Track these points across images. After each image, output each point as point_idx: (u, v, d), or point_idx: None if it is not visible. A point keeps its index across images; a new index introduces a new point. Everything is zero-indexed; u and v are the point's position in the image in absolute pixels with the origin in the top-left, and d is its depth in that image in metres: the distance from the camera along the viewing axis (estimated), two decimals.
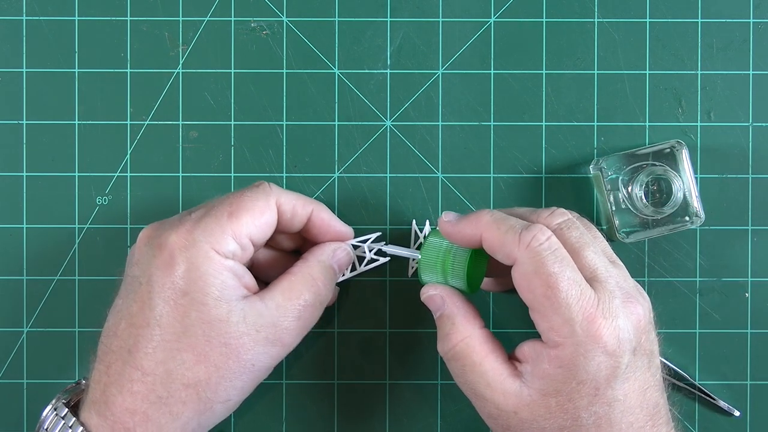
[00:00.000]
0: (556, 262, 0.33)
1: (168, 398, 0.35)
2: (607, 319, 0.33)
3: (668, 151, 0.42)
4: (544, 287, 0.33)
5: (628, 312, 0.34)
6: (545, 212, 0.36)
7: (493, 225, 0.35)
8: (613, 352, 0.33)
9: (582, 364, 0.32)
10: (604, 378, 0.33)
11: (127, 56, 0.44)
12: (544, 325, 0.33)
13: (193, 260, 0.35)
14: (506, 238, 0.34)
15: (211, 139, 0.44)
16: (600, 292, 0.33)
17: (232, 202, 0.36)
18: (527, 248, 0.34)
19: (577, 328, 0.32)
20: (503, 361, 0.35)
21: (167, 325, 0.35)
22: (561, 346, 0.33)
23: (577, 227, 0.36)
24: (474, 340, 0.36)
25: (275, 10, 0.44)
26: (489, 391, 0.35)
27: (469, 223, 0.36)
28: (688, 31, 0.44)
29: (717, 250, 0.44)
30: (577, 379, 0.33)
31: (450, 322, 0.37)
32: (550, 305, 0.33)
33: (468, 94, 0.44)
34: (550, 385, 0.33)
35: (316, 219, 0.40)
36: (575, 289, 0.33)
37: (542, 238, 0.34)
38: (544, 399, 0.33)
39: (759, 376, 0.44)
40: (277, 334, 0.36)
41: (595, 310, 0.33)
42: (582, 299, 0.33)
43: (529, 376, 0.34)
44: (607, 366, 0.33)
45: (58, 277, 0.44)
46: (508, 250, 0.34)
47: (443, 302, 0.37)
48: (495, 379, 0.34)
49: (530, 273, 0.33)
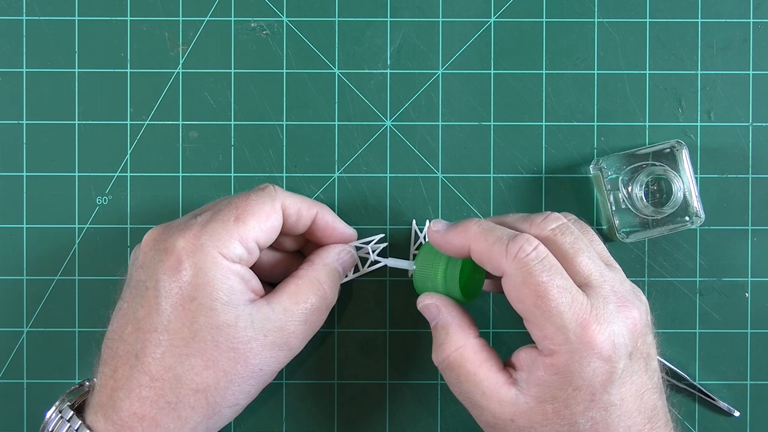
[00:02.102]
0: (543, 271, 0.33)
1: (177, 403, 0.35)
2: (601, 324, 0.33)
3: (668, 151, 0.42)
4: (534, 297, 0.33)
5: (623, 316, 0.33)
6: (539, 218, 0.36)
7: (480, 236, 0.35)
8: (608, 357, 0.32)
9: (577, 371, 0.32)
10: (599, 383, 0.33)
11: (127, 56, 0.44)
12: (538, 334, 0.33)
13: (201, 265, 0.35)
14: (493, 250, 0.34)
15: (211, 139, 0.44)
16: (593, 298, 0.33)
17: (238, 206, 0.36)
18: (514, 259, 0.33)
19: (570, 335, 0.32)
20: (498, 370, 0.35)
21: (175, 330, 0.34)
22: (556, 354, 0.33)
23: (571, 232, 0.35)
24: (468, 350, 0.36)
25: (275, 10, 0.44)
26: (485, 400, 0.35)
27: (456, 234, 0.36)
28: (688, 31, 0.44)
29: (717, 250, 0.44)
30: (573, 385, 0.33)
31: (444, 331, 0.36)
32: (541, 314, 0.33)
33: (468, 94, 0.44)
34: (546, 392, 0.33)
35: (320, 221, 0.40)
36: (566, 297, 0.33)
37: (528, 249, 0.33)
38: (540, 406, 0.33)
39: (759, 376, 0.44)
40: (285, 338, 0.36)
41: (588, 316, 0.33)
42: (574, 306, 0.33)
43: (525, 384, 0.34)
44: (602, 371, 0.33)
45: (58, 277, 0.44)
46: (496, 262, 0.34)
47: (438, 312, 0.37)
48: (490, 387, 0.34)
49: (519, 284, 0.33)
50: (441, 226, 0.37)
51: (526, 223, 0.36)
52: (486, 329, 0.44)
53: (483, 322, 0.44)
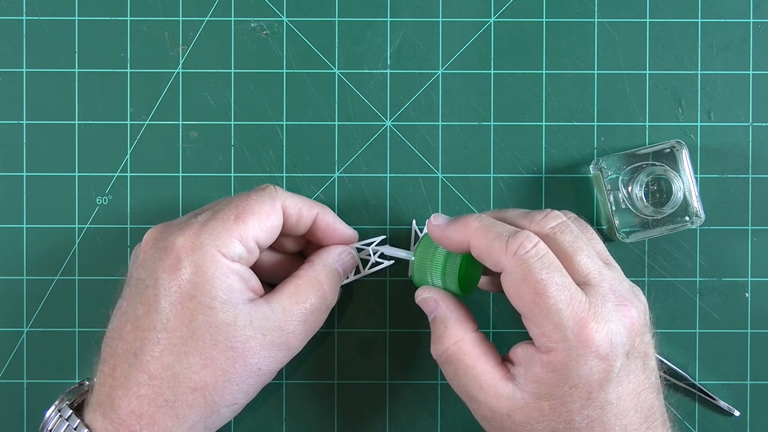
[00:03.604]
0: (543, 268, 0.33)
1: (175, 402, 0.35)
2: (599, 323, 0.33)
3: (668, 151, 0.42)
4: (533, 294, 0.33)
5: (621, 315, 0.33)
6: (539, 215, 0.36)
7: (480, 232, 0.35)
8: (605, 356, 0.32)
9: (574, 369, 0.32)
10: (596, 382, 0.33)
11: (127, 56, 0.44)
12: (536, 331, 0.33)
13: (200, 263, 0.35)
14: (493, 246, 0.34)
15: (211, 139, 0.44)
16: (592, 296, 0.33)
17: (238, 205, 0.36)
18: (514, 256, 0.33)
19: (568, 333, 0.32)
20: (496, 364, 0.35)
21: (174, 328, 0.34)
22: (553, 351, 0.33)
23: (571, 230, 0.35)
24: (466, 344, 0.36)
25: (275, 10, 0.44)
26: (482, 394, 0.35)
27: (456, 229, 0.36)
28: (688, 31, 0.44)
29: (717, 250, 0.44)
30: (570, 383, 0.33)
31: (443, 325, 0.36)
32: (539, 311, 0.33)
33: (468, 94, 0.44)
34: (543, 388, 0.33)
35: (320, 222, 0.40)
36: (564, 294, 0.33)
37: (528, 246, 0.33)
38: (536, 402, 0.33)
39: (759, 376, 0.44)
40: (284, 338, 0.36)
41: (586, 314, 0.33)
42: (572, 304, 0.33)
43: (522, 380, 0.34)
44: (599, 370, 0.33)
45: (58, 277, 0.44)
46: (496, 259, 0.34)
47: (436, 305, 0.37)
48: (487, 382, 0.34)
49: (518, 281, 0.33)
50: (441, 221, 0.37)
51: (526, 219, 0.36)
52: (486, 329, 0.44)
53: (483, 321, 0.44)
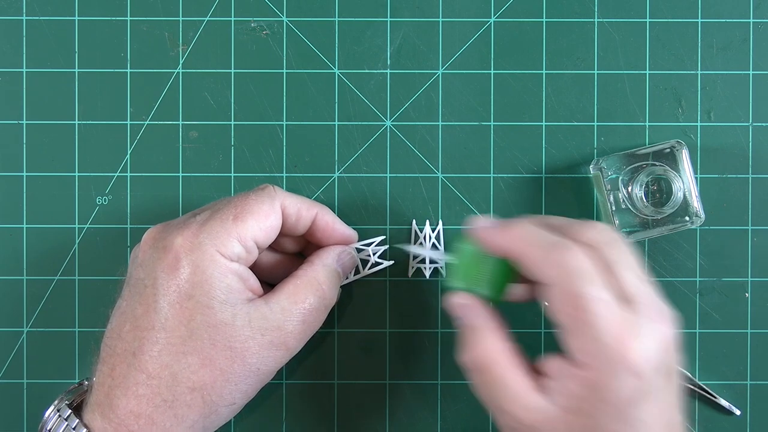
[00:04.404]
0: (585, 282, 0.32)
1: (173, 402, 0.35)
2: (637, 340, 0.32)
3: (668, 151, 0.42)
4: (573, 308, 0.32)
5: (659, 333, 0.33)
6: (585, 226, 0.35)
7: (525, 240, 0.34)
8: (640, 373, 0.32)
9: (609, 385, 0.32)
10: (629, 399, 0.32)
11: (127, 56, 0.44)
12: (573, 345, 0.33)
13: (199, 263, 0.35)
14: (537, 256, 0.34)
15: (211, 139, 0.44)
16: (632, 313, 0.33)
17: (237, 205, 0.36)
18: (557, 268, 0.33)
19: (606, 349, 0.32)
20: (526, 375, 0.34)
21: (172, 328, 0.34)
22: (588, 366, 0.32)
23: (615, 245, 0.35)
24: (497, 353, 0.35)
25: (275, 10, 0.44)
26: (510, 404, 0.34)
27: (501, 235, 0.35)
28: (688, 31, 0.44)
29: (717, 250, 0.44)
30: (603, 399, 0.32)
31: (474, 332, 0.36)
32: (579, 326, 0.32)
33: (468, 94, 0.44)
34: (574, 402, 0.32)
35: (320, 222, 0.40)
36: (605, 310, 0.32)
37: (572, 259, 0.33)
38: (566, 416, 0.33)
39: (759, 376, 0.44)
40: (282, 338, 0.36)
41: (625, 331, 0.32)
42: (613, 320, 0.32)
43: (553, 393, 0.33)
44: (633, 387, 0.32)
45: (58, 277, 0.44)
46: (539, 269, 0.34)
47: (468, 311, 0.36)
48: (517, 392, 0.34)
49: (559, 293, 0.33)
50: (486, 223, 0.36)
51: (571, 230, 0.35)
52: None
53: None
